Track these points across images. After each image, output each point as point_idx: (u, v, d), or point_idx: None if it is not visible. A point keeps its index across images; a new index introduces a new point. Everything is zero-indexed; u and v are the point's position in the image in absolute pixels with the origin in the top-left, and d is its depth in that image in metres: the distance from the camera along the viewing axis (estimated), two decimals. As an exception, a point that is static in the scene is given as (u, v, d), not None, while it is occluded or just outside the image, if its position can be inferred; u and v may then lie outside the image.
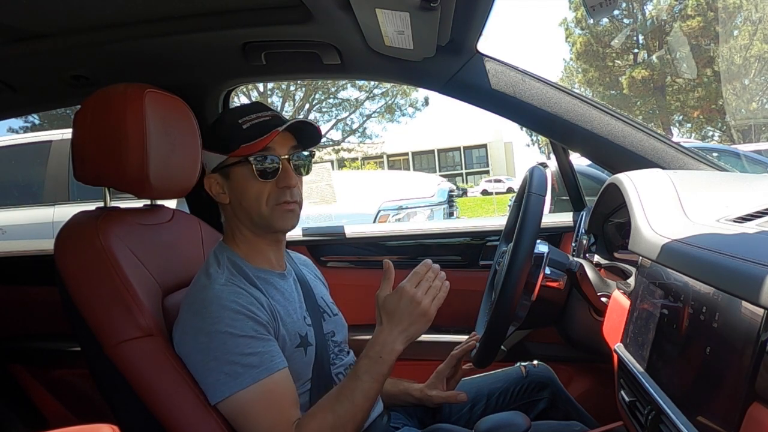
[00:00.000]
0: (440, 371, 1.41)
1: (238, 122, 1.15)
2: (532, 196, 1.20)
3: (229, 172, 1.16)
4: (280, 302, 1.15)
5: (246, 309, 1.07)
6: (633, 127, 1.50)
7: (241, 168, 1.14)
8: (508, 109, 1.57)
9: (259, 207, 1.14)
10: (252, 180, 1.13)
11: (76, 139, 1.24)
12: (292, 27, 1.48)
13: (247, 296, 1.09)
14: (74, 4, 1.36)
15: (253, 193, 1.14)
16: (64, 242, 1.19)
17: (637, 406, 0.89)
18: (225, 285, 1.10)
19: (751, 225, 0.88)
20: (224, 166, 1.16)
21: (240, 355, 1.04)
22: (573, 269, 1.32)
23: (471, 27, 1.43)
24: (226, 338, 1.04)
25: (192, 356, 1.08)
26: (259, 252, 1.20)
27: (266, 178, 1.13)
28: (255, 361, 1.04)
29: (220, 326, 1.05)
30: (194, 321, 1.08)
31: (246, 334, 1.05)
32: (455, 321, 1.90)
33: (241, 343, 1.04)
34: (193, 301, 1.11)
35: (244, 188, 1.15)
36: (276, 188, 1.14)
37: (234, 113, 1.18)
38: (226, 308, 1.06)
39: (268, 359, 1.05)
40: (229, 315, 1.05)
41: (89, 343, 1.14)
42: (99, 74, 1.66)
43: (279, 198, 1.14)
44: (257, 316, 1.07)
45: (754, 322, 0.60)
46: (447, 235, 2.08)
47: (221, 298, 1.07)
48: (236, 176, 1.15)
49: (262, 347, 1.06)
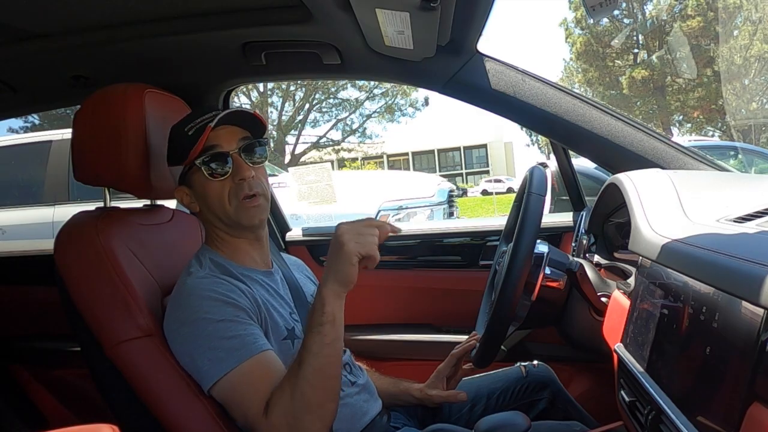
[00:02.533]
0: (440, 371, 1.41)
1: (184, 130, 1.15)
2: (532, 196, 1.20)
3: (190, 180, 1.18)
4: (263, 296, 1.15)
5: (224, 296, 1.07)
6: (633, 126, 1.50)
7: (196, 173, 1.16)
8: (509, 109, 1.57)
9: (223, 207, 1.15)
10: (207, 182, 1.15)
11: (75, 139, 1.24)
12: (292, 27, 1.48)
13: (227, 284, 1.10)
14: (74, 4, 1.36)
15: (213, 195, 1.15)
16: (64, 242, 1.19)
17: (637, 406, 0.89)
18: (204, 277, 1.11)
19: (751, 225, 0.88)
20: (183, 175, 1.19)
21: (221, 339, 1.04)
22: (573, 269, 1.31)
23: (471, 27, 1.43)
24: (206, 324, 1.05)
25: (179, 349, 1.09)
26: (243, 252, 1.20)
27: (218, 176, 1.14)
28: (236, 344, 1.04)
29: (199, 314, 1.06)
30: (176, 314, 1.10)
31: (225, 318, 1.05)
32: (455, 321, 1.90)
33: (220, 327, 1.05)
34: (174, 296, 1.13)
35: (204, 192, 1.16)
36: (233, 183, 1.15)
37: (183, 122, 1.18)
38: (204, 297, 1.07)
39: (251, 341, 1.05)
40: (207, 303, 1.06)
41: (89, 343, 1.14)
42: (99, 74, 1.66)
43: (238, 193, 1.14)
44: (236, 301, 1.08)
45: (754, 322, 0.60)
46: (447, 235, 2.08)
47: (199, 289, 1.08)
48: (195, 183, 1.17)
49: (242, 330, 1.06)
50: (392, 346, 1.95)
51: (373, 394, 1.29)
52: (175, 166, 1.20)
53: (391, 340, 1.95)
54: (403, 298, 1.98)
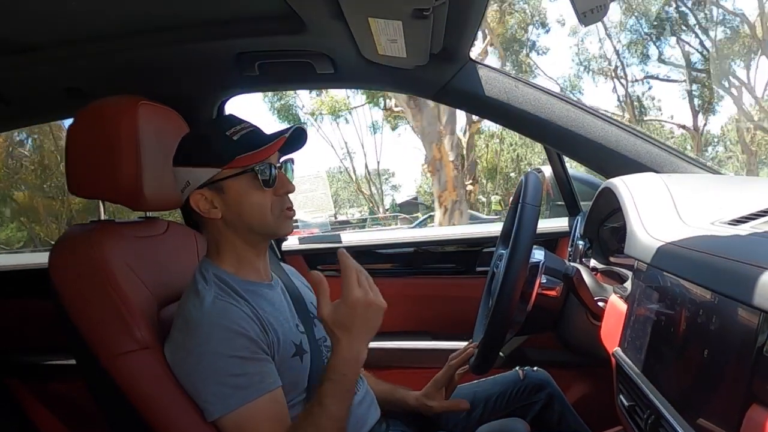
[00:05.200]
0: (437, 380, 1.40)
1: (226, 134, 1.12)
2: (527, 207, 1.20)
3: (224, 185, 1.13)
4: (271, 313, 1.13)
5: (236, 325, 1.05)
6: (626, 131, 1.51)
7: (239, 180, 1.12)
8: (502, 115, 1.57)
9: (264, 217, 1.13)
10: (253, 190, 1.12)
11: (69, 151, 1.24)
12: (285, 37, 1.48)
13: (237, 310, 1.07)
14: (67, 17, 1.36)
15: (257, 204, 1.12)
16: (59, 256, 1.19)
17: (637, 411, 0.89)
18: (214, 302, 1.08)
19: (745, 227, 0.89)
20: (216, 180, 1.13)
21: (229, 376, 1.02)
22: (570, 274, 1.32)
23: (463, 34, 1.43)
24: (215, 359, 1.03)
25: (184, 378, 1.06)
26: (248, 263, 1.18)
27: (269, 186, 1.13)
28: (244, 383, 1.03)
29: (209, 347, 1.03)
30: (183, 341, 1.07)
31: (236, 354, 1.03)
32: (452, 327, 1.90)
33: (230, 363, 1.03)
34: (182, 320, 1.09)
35: (245, 200, 1.12)
36: (274, 196, 1.14)
37: (216, 126, 1.16)
38: (215, 326, 1.04)
39: (258, 380, 1.04)
40: (218, 334, 1.04)
41: (85, 356, 1.13)
42: (92, 86, 1.66)
43: (282, 205, 1.15)
44: (248, 332, 1.05)
45: (750, 324, 0.60)
46: (442, 242, 2.09)
47: (210, 316, 1.05)
48: (232, 189, 1.12)
49: (251, 368, 1.04)
50: (389, 354, 1.94)
51: (373, 403, 1.28)
52: (206, 168, 1.12)
53: (389, 347, 1.94)
54: (400, 306, 1.97)
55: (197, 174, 1.13)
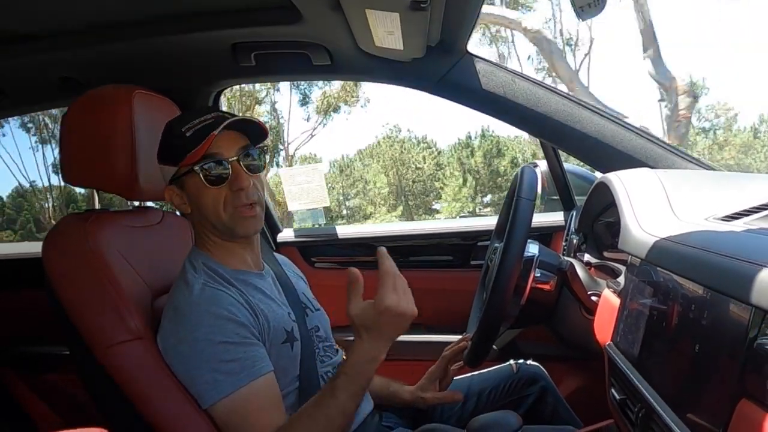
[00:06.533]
0: (432, 373, 1.41)
1: (181, 131, 1.10)
2: (522, 201, 1.20)
3: (183, 182, 1.13)
4: (261, 300, 1.13)
5: (225, 310, 1.05)
6: (622, 126, 1.51)
7: (192, 177, 1.11)
8: (499, 109, 1.57)
9: (218, 214, 1.11)
10: (204, 188, 1.10)
11: (64, 140, 1.23)
12: (282, 27, 1.48)
13: (226, 296, 1.07)
14: (62, 6, 1.35)
15: (208, 201, 1.11)
16: (53, 245, 1.18)
17: (628, 404, 0.89)
18: (202, 290, 1.08)
19: (738, 223, 0.89)
20: (177, 177, 1.14)
21: (220, 362, 1.03)
22: (563, 268, 1.32)
23: (461, 27, 1.43)
24: (206, 346, 1.03)
25: (177, 366, 1.07)
26: (234, 254, 1.17)
27: (216, 184, 1.10)
28: (235, 368, 1.03)
29: (199, 334, 1.03)
30: (174, 330, 1.07)
31: (226, 339, 1.03)
32: (446, 320, 1.90)
33: (220, 350, 1.03)
34: (172, 309, 1.10)
35: (199, 198, 1.12)
36: (231, 192, 1.11)
37: (180, 121, 1.14)
38: (204, 313, 1.04)
39: (249, 365, 1.04)
40: (208, 320, 1.04)
41: (79, 347, 1.13)
42: (88, 76, 1.65)
43: (235, 202, 1.11)
44: (237, 317, 1.05)
45: (742, 319, 0.60)
46: (438, 235, 2.09)
47: (199, 304, 1.06)
48: (190, 186, 1.12)
49: (242, 353, 1.04)
50: None
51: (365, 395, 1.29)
52: (168, 166, 1.15)
53: None
54: None
55: (165, 171, 1.16)
